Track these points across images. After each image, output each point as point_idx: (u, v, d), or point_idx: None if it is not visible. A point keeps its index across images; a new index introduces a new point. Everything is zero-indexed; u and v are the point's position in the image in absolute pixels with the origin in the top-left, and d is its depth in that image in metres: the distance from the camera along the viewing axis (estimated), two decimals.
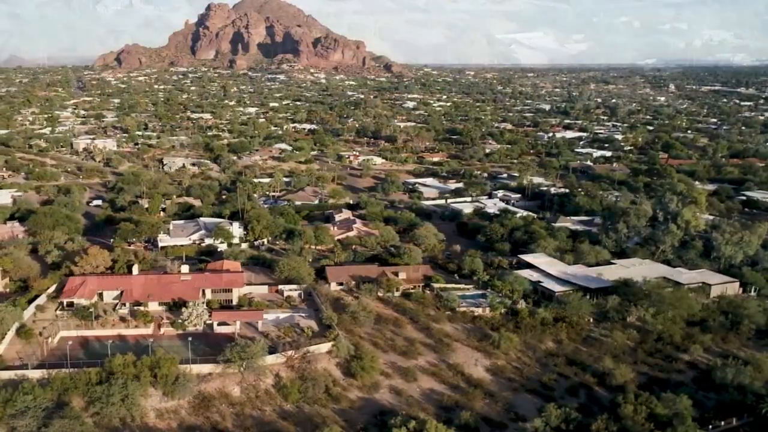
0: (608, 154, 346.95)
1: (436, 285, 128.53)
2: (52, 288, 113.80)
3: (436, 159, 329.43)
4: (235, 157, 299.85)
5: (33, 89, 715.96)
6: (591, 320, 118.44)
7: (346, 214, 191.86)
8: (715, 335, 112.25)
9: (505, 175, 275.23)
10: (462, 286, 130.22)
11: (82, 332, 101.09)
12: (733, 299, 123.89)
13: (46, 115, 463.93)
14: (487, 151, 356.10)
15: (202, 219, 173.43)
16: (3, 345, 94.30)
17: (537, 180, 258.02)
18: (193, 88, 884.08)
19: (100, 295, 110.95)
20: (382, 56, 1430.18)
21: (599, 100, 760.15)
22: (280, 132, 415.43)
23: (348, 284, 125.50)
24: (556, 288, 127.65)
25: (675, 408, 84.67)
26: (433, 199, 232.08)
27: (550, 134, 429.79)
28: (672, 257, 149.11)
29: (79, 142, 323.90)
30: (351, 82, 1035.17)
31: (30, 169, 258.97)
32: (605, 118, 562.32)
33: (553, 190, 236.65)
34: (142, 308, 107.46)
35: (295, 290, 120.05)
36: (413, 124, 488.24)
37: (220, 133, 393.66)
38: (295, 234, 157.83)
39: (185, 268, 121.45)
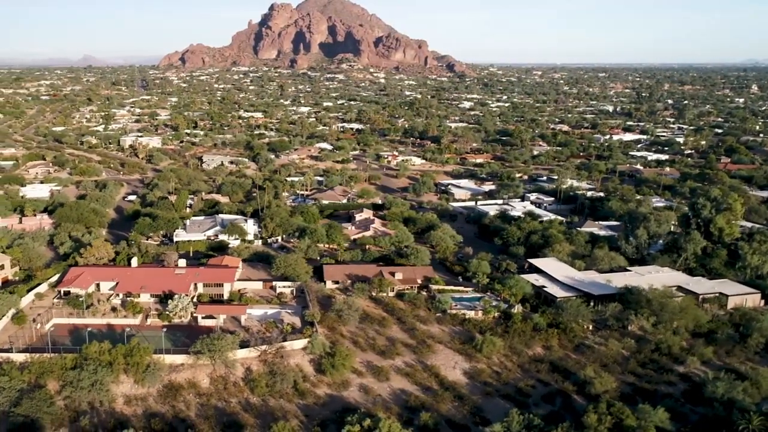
0: (665, 157, 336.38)
1: (434, 287, 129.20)
2: (55, 277, 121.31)
3: (479, 160, 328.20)
4: (273, 156, 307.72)
5: (97, 88, 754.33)
6: (590, 327, 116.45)
7: (366, 213, 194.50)
8: (720, 348, 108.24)
9: (544, 178, 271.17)
10: (461, 288, 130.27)
11: (74, 320, 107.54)
12: (747, 311, 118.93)
13: (102, 113, 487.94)
14: (535, 153, 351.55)
15: (220, 216, 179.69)
16: None
17: (578, 183, 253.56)
18: (252, 87, 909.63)
19: (98, 286, 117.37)
20: (446, 55, 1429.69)
21: (670, 101, 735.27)
22: (327, 131, 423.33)
23: (344, 283, 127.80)
24: (559, 293, 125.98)
25: (649, 420, 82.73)
26: (464, 200, 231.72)
27: (607, 136, 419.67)
28: (695, 266, 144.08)
29: (126, 140, 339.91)
30: (410, 82, 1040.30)
31: (74, 164, 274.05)
32: (672, 120, 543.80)
33: (589, 193, 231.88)
34: (133, 299, 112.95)
35: (288, 287, 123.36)
36: (464, 124, 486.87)
37: (265, 132, 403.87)
38: (307, 232, 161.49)
39: (182, 262, 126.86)
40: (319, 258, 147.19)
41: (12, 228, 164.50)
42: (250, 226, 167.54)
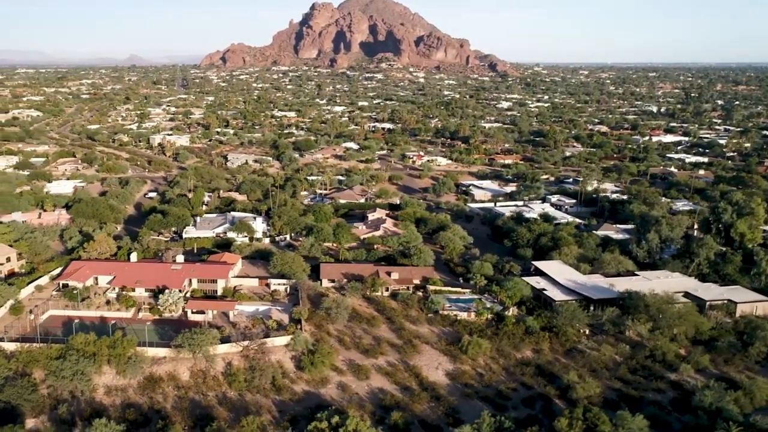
0: (704, 160, 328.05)
1: (431, 287, 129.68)
2: (57, 270, 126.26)
3: (508, 161, 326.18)
4: (297, 155, 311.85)
5: (137, 87, 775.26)
6: (586, 332, 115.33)
7: (378, 213, 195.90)
8: (719, 356, 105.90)
9: (570, 180, 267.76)
10: (459, 289, 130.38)
11: (69, 312, 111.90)
12: (753, 319, 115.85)
13: (138, 112, 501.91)
14: (567, 154, 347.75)
15: (232, 213, 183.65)
16: None
17: (605, 185, 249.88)
18: (290, 86, 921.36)
19: (96, 279, 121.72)
20: (489, 55, 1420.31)
21: (720, 102, 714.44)
22: (357, 131, 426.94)
23: (340, 282, 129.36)
24: (558, 296, 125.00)
25: (627, 427, 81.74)
26: (483, 201, 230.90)
27: (646, 138, 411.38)
28: (707, 271, 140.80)
29: (155, 138, 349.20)
30: (450, 82, 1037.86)
31: (102, 162, 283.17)
32: (719, 121, 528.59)
33: (613, 196, 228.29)
34: (128, 293, 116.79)
35: (283, 285, 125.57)
36: (499, 125, 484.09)
37: (294, 131, 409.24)
38: (314, 231, 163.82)
39: (180, 258, 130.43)
40: (322, 257, 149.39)
41: (29, 222, 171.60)
42: (259, 224, 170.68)
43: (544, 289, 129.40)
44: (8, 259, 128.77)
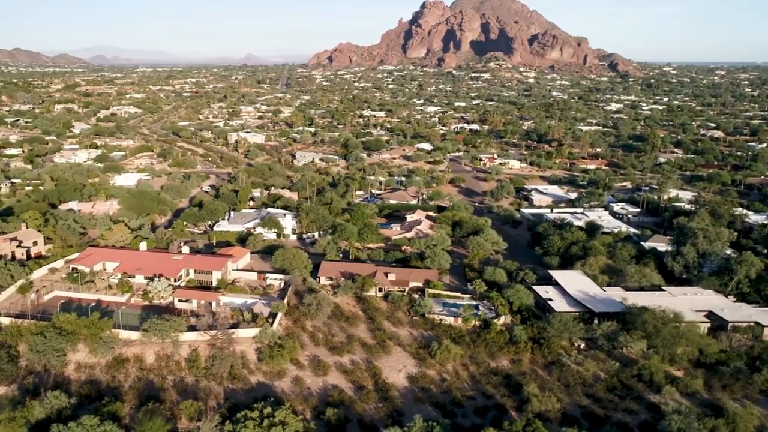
0: None
1: (430, 290, 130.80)
2: (74, 255, 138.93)
3: (591, 166, 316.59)
4: (364, 155, 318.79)
5: (238, 86, 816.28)
6: (581, 345, 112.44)
7: (418, 215, 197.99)
8: (720, 381, 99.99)
9: (647, 188, 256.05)
10: (458, 294, 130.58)
11: (71, 294, 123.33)
12: None
13: (230, 110, 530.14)
14: (662, 160, 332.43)
15: (266, 210, 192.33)
16: (3, 296, 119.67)
17: (682, 194, 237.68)
18: (391, 86, 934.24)
19: (104, 265, 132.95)
20: (612, 54, 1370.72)
21: None
22: (434, 131, 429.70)
23: (337, 280, 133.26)
24: (560, 307, 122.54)
25: None
26: (540, 207, 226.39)
27: (764, 145, 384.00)
28: (748, 290, 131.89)
29: (233, 135, 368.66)
30: (563, 82, 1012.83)
31: (174, 157, 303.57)
32: None
33: (688, 206, 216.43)
34: (128, 279, 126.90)
35: (278, 279, 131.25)
36: (598, 128, 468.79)
37: (373, 131, 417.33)
38: (338, 229, 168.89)
39: (185, 249, 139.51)
40: (334, 255, 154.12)
41: (81, 211, 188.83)
42: (288, 221, 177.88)
43: (550, 299, 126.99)
44: (35, 243, 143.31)
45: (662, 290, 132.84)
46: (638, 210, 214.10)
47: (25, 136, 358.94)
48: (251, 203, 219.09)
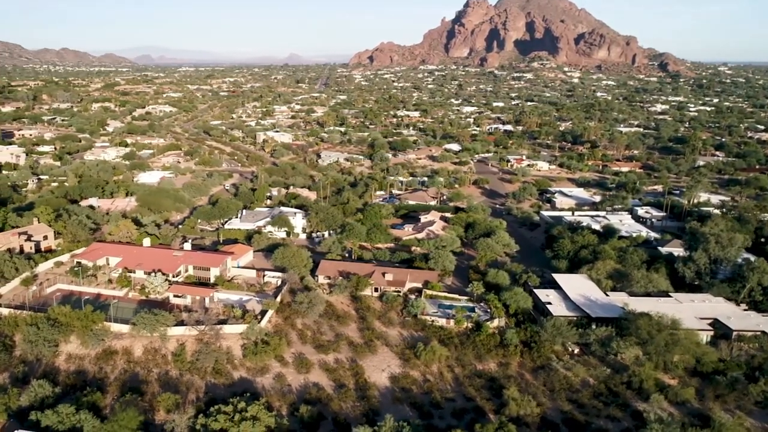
0: None
1: (428, 291, 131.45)
2: (80, 250, 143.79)
3: (624, 168, 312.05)
4: (389, 155, 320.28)
5: (276, 85, 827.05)
6: (575, 350, 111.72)
7: (432, 216, 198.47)
8: (711, 391, 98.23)
9: (677, 192, 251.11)
10: (455, 296, 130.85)
11: (73, 287, 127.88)
12: None
13: (264, 109, 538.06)
14: (700, 163, 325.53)
15: (279, 208, 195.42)
16: (7, 287, 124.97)
17: (716, 199, 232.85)
18: (431, 86, 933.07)
19: (108, 260, 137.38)
20: (664, 53, 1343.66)
21: None
22: (476, 132, 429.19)
23: (335, 279, 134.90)
24: (558, 311, 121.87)
25: None
26: (562, 209, 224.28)
27: None
28: (761, 299, 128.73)
29: (260, 134, 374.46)
30: (608, 83, 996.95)
31: (201, 155, 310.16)
32: None
33: (715, 211, 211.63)
34: (127, 274, 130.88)
35: (276, 277, 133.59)
36: (638, 129, 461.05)
37: (404, 132, 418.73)
38: (346, 229, 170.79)
39: (187, 246, 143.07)
40: (346, 255, 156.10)
41: (100, 207, 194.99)
42: (298, 220, 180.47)
43: (549, 303, 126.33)
44: (45, 237, 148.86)
45: (669, 296, 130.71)
46: (663, 214, 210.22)
47: (60, 134, 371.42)
48: (268, 202, 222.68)
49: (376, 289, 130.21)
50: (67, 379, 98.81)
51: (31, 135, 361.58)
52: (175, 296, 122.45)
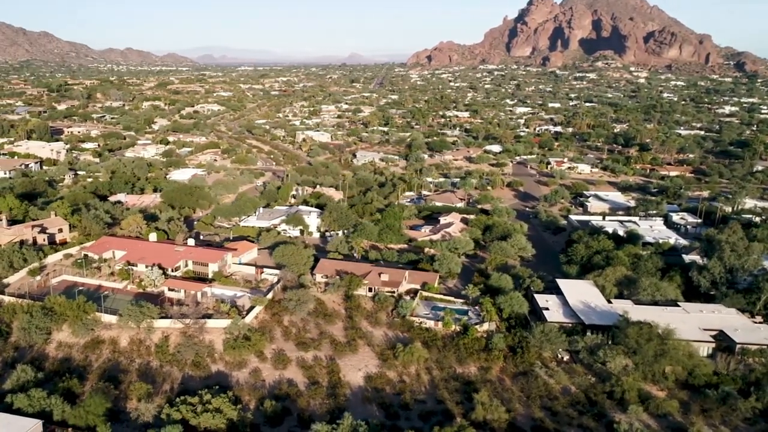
0: None
1: (424, 293, 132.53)
2: (90, 243, 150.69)
3: (674, 173, 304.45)
4: (425, 155, 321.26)
5: (329, 85, 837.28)
6: (564, 357, 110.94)
7: (452, 218, 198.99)
8: (698, 405, 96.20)
9: (723, 198, 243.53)
10: (450, 298, 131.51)
11: (76, 278, 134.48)
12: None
13: (311, 108, 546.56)
14: (758, 168, 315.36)
15: (298, 207, 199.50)
16: (15, 277, 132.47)
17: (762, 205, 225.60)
18: (488, 86, 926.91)
19: (114, 253, 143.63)
20: (743, 53, 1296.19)
21: None
22: (524, 133, 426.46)
23: (332, 278, 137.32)
24: (554, 317, 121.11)
25: None
26: (593, 214, 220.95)
27: None
28: None
29: (300, 134, 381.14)
30: (677, 83, 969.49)
31: (237, 153, 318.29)
32: None
33: (757, 219, 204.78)
34: (132, 267, 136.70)
35: (273, 275, 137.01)
36: (698, 132, 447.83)
37: (448, 132, 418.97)
38: (358, 229, 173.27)
39: (191, 242, 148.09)
40: (354, 255, 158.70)
41: (127, 202, 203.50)
42: (313, 219, 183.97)
43: (546, 308, 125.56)
44: (60, 230, 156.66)
45: (677, 305, 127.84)
46: (698, 220, 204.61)
47: (105, 131, 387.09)
48: (293, 200, 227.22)
49: (370, 289, 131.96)
50: (52, 365, 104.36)
51: (78, 132, 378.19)
52: (170, 290, 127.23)
